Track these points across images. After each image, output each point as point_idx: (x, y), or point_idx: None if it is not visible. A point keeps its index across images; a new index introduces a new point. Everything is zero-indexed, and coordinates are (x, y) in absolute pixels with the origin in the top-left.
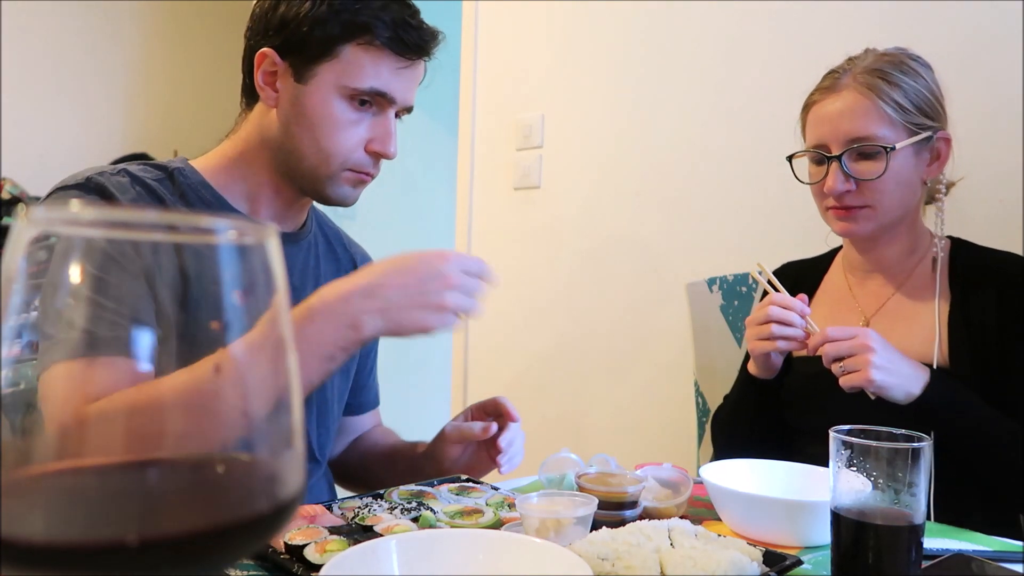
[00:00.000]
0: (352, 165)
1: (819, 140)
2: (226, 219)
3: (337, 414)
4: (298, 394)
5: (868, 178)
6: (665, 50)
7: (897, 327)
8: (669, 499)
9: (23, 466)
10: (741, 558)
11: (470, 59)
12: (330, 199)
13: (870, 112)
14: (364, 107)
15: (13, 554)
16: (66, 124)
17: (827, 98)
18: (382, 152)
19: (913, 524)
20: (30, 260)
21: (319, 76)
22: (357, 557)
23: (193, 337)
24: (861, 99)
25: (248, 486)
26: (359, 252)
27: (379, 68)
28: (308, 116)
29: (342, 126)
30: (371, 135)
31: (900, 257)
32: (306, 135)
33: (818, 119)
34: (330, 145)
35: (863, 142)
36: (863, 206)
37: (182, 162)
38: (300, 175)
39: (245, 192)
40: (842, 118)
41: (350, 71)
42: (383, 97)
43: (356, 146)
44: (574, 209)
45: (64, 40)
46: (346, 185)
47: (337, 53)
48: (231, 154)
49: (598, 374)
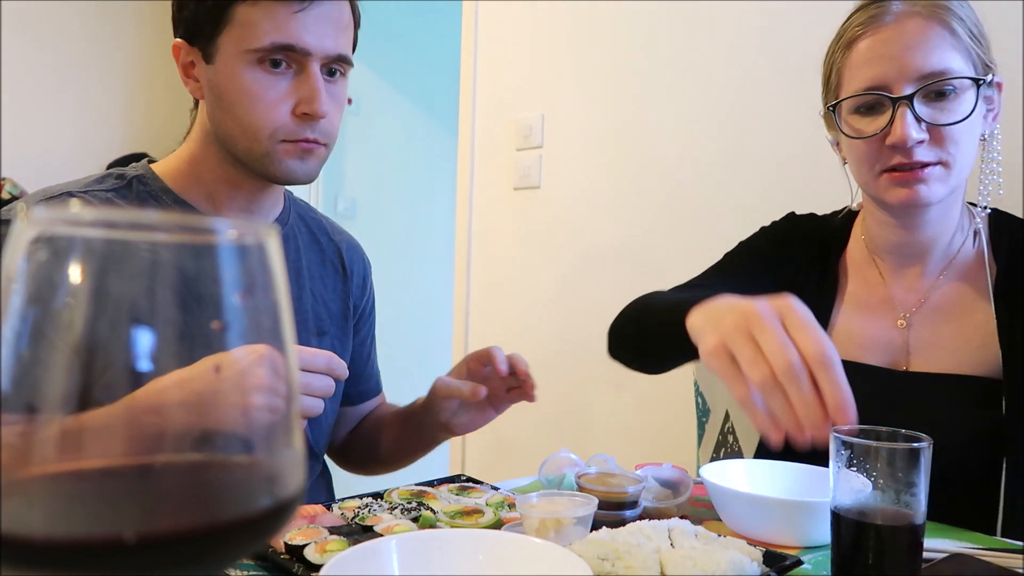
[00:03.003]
0: (284, 135)
1: (875, 81)
2: (226, 219)
3: (330, 408)
4: (298, 393)
5: (950, 121)
6: (665, 50)
7: (944, 331)
8: (669, 499)
9: (23, 466)
10: (741, 558)
11: (470, 59)
12: (279, 178)
13: (944, 42)
14: (280, 69)
15: (13, 553)
16: (66, 124)
17: (880, 31)
18: (309, 112)
19: (913, 524)
20: (30, 260)
21: (222, 49)
22: (357, 557)
23: (193, 337)
24: (931, 26)
25: (248, 486)
26: (345, 240)
27: (275, 19)
28: (224, 95)
29: (258, 95)
30: (296, 97)
31: (947, 237)
32: (228, 116)
33: (872, 55)
34: (252, 119)
35: (939, 77)
36: (937, 162)
37: (144, 168)
38: (242, 160)
39: (204, 192)
40: (909, 51)
41: (246, 33)
42: (293, 51)
43: (281, 113)
44: (574, 209)
45: (64, 40)
46: (288, 159)
47: (230, 18)
48: (186, 155)
49: (598, 374)
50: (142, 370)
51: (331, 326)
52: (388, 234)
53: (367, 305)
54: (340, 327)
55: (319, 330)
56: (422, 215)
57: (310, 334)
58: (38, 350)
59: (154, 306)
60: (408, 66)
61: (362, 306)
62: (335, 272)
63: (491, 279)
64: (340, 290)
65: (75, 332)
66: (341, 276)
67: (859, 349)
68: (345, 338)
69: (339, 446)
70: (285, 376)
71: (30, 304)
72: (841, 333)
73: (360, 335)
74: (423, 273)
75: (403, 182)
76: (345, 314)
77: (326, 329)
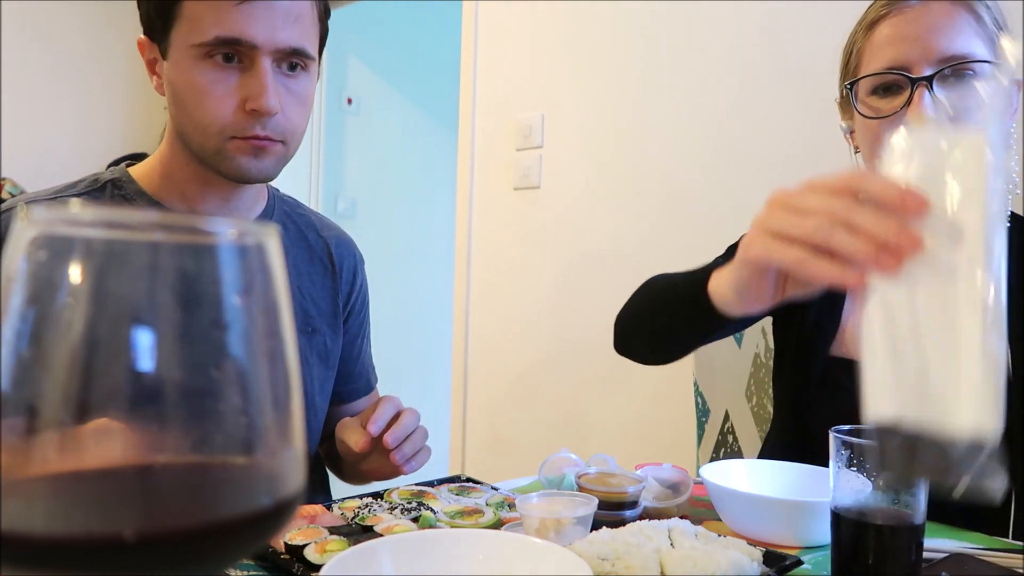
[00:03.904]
0: (232, 132)
1: (896, 62)
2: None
3: (321, 406)
4: (298, 392)
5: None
6: (665, 50)
7: None
8: (669, 499)
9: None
10: (741, 558)
11: (470, 59)
12: (232, 176)
13: (969, 27)
14: (230, 63)
15: (13, 553)
16: (66, 124)
17: (904, 11)
18: (257, 108)
19: (913, 524)
20: (30, 260)
21: (173, 45)
22: (357, 557)
23: (193, 337)
24: (956, 10)
25: (248, 486)
26: (335, 235)
27: (218, 13)
28: (177, 91)
29: (205, 91)
30: (244, 93)
31: None
32: (181, 112)
33: (895, 36)
34: (201, 115)
35: (961, 60)
36: None
37: (121, 171)
38: (198, 157)
39: (178, 192)
40: (933, 33)
41: (193, 27)
42: (240, 45)
43: (230, 109)
44: (574, 209)
45: (64, 40)
46: (241, 156)
47: (177, 13)
48: (159, 156)
49: (598, 374)
50: (142, 370)
51: (322, 323)
52: (388, 234)
53: (356, 301)
54: (331, 324)
55: (310, 328)
56: (422, 215)
57: (299, 333)
58: (38, 350)
59: (154, 306)
60: (408, 66)
61: (351, 302)
62: (324, 269)
63: (491, 279)
64: (329, 287)
65: (75, 332)
66: (330, 272)
67: None
68: (336, 336)
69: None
70: None
71: (30, 304)
72: (853, 330)
73: (350, 332)
74: (423, 273)
75: (403, 182)
76: (335, 311)
77: (317, 327)
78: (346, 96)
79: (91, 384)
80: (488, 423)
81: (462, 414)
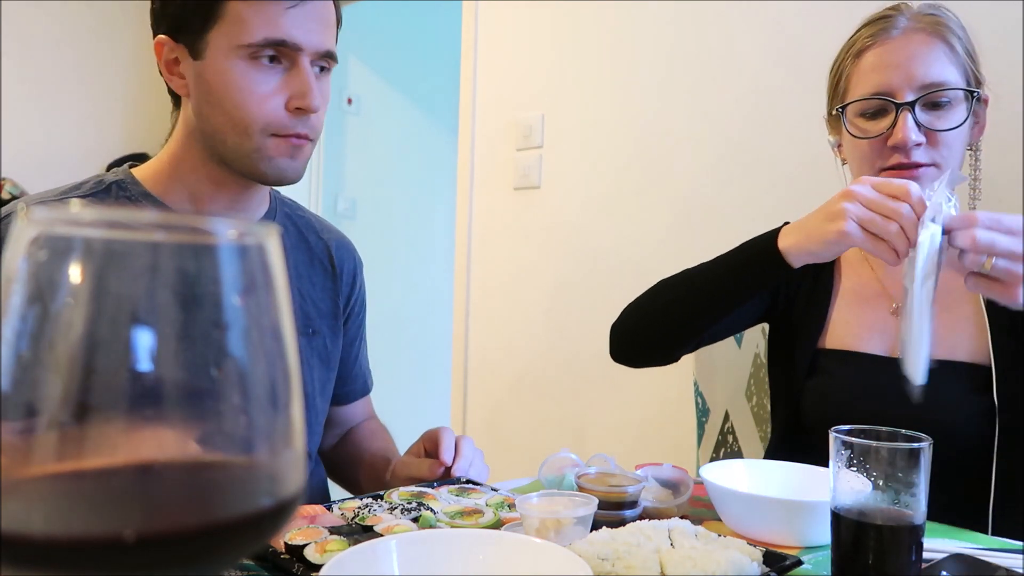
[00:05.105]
0: (275, 129)
1: (881, 88)
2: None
3: (321, 407)
4: (298, 393)
5: (946, 127)
6: (666, 50)
7: (937, 319)
8: (669, 499)
9: (23, 466)
10: (741, 558)
11: (470, 59)
12: (268, 177)
13: (944, 56)
14: (272, 64)
15: (13, 553)
16: (66, 124)
17: (888, 42)
18: (302, 106)
19: (913, 524)
20: (30, 260)
21: (212, 45)
22: (357, 557)
23: (193, 337)
24: (933, 41)
25: (248, 486)
26: (335, 238)
27: (267, 15)
28: (214, 90)
29: (249, 90)
30: (288, 92)
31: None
32: (217, 111)
33: (880, 64)
34: (243, 114)
35: (939, 87)
36: (931, 163)
37: (124, 173)
38: (229, 158)
39: (187, 194)
40: (913, 62)
41: (238, 28)
42: (285, 46)
43: (273, 108)
44: (574, 209)
45: (64, 40)
46: (278, 157)
47: (220, 14)
48: (167, 157)
49: (598, 374)
50: (142, 370)
51: (322, 325)
52: (388, 234)
53: (356, 304)
54: (331, 326)
55: (310, 330)
56: (422, 215)
57: (299, 334)
58: (38, 350)
59: (154, 306)
60: (408, 66)
61: (351, 305)
62: (324, 271)
63: (491, 279)
64: (330, 288)
65: (75, 332)
66: (330, 274)
67: (856, 339)
68: (336, 338)
69: (328, 455)
70: None
71: (30, 304)
72: (838, 324)
73: (348, 335)
74: (423, 273)
75: (403, 182)
76: (335, 313)
77: (317, 328)
78: (346, 96)
79: (91, 384)
80: (488, 423)
81: (462, 414)
